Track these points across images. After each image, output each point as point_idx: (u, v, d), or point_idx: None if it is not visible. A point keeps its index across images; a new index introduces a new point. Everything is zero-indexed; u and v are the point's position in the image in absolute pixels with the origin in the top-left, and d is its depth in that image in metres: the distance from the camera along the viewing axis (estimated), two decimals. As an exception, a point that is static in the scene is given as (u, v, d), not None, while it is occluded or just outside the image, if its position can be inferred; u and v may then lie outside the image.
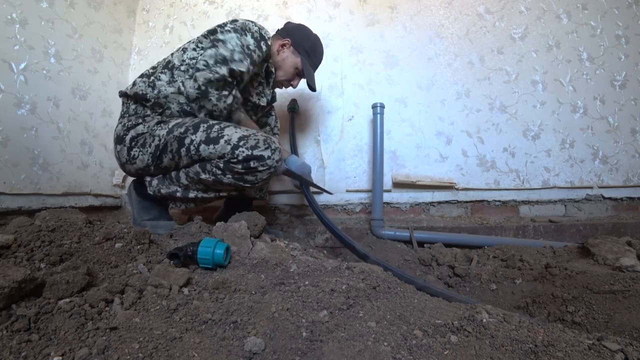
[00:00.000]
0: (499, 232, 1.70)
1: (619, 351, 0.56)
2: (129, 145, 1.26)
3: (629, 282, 0.90)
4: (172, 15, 2.32)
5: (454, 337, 0.58)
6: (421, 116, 1.96)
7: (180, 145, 1.17)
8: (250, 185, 1.21)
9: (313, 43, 1.49)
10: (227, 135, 1.14)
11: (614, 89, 1.88)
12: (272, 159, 1.17)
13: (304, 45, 1.46)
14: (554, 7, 1.95)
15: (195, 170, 1.20)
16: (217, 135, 1.14)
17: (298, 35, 1.47)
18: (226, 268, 0.88)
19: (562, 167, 1.87)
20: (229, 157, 1.13)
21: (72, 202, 1.81)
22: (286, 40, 1.45)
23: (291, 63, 1.47)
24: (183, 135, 1.17)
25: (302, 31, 1.49)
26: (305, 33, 1.49)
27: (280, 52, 1.46)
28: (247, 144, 1.13)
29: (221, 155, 1.14)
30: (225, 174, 1.16)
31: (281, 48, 1.46)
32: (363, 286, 0.77)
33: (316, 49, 1.50)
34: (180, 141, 1.17)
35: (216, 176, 1.17)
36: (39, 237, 0.80)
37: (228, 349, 0.56)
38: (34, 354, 0.50)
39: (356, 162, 1.99)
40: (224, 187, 1.23)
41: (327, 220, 1.42)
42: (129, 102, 1.33)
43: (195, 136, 1.16)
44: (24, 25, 1.59)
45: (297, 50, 1.46)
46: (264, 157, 1.15)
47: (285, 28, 1.51)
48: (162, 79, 1.28)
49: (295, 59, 1.46)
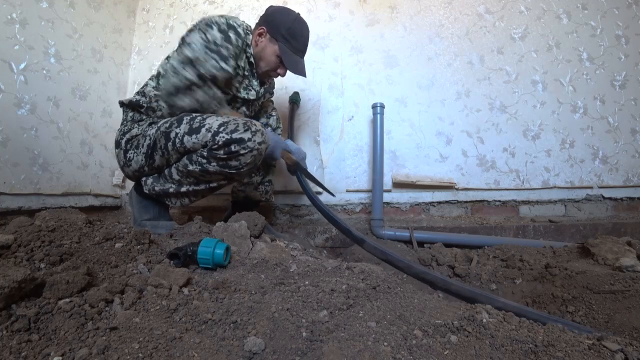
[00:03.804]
0: (499, 232, 1.70)
1: (619, 351, 0.56)
2: (124, 148, 1.32)
3: (629, 282, 0.90)
4: (172, 15, 2.32)
5: (454, 337, 0.58)
6: (421, 116, 1.97)
7: (167, 140, 1.19)
8: (236, 171, 1.18)
9: (290, 27, 1.35)
10: (208, 124, 1.14)
11: (614, 89, 1.88)
12: (253, 141, 1.14)
13: (280, 30, 1.34)
14: (554, 7, 1.95)
15: (184, 163, 1.20)
16: (199, 125, 1.15)
17: (273, 20, 1.36)
18: (226, 268, 0.88)
19: (562, 167, 1.87)
20: (211, 145, 1.13)
21: (72, 202, 1.82)
22: (261, 29, 1.36)
23: (270, 51, 1.37)
24: (168, 129, 1.19)
25: (277, 15, 1.37)
26: (280, 17, 1.37)
27: (259, 42, 1.38)
28: (226, 129, 1.12)
29: (204, 144, 1.14)
30: (210, 162, 1.16)
31: (258, 37, 1.38)
32: (363, 286, 0.77)
33: (295, 32, 1.36)
34: (166, 136, 1.19)
35: (202, 165, 1.17)
36: (39, 237, 0.80)
37: (228, 349, 0.56)
38: (34, 354, 0.50)
39: (356, 162, 1.99)
40: (213, 177, 1.22)
41: (322, 206, 1.37)
42: (127, 110, 1.39)
43: (179, 129, 1.17)
44: (24, 25, 1.59)
45: (275, 37, 1.35)
46: (244, 140, 1.13)
47: (263, 15, 1.41)
48: (149, 85, 1.38)
49: (273, 47, 1.36)
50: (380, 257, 1.10)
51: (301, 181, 1.50)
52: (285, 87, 2.05)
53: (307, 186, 1.49)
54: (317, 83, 2.06)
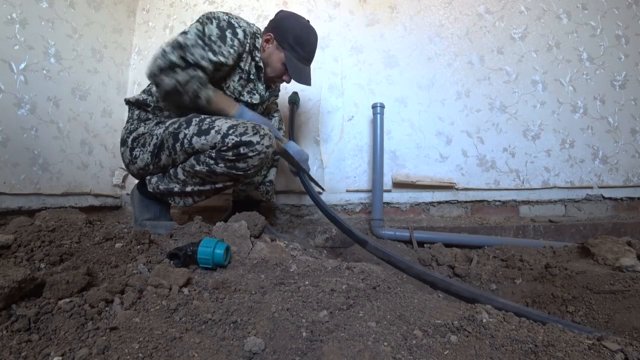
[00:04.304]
0: (499, 232, 1.70)
1: (619, 351, 0.56)
2: (130, 146, 1.33)
3: (629, 282, 0.90)
4: (172, 15, 2.32)
5: (454, 337, 0.58)
6: (421, 116, 1.96)
7: (175, 141, 1.20)
8: (243, 172, 1.19)
9: (297, 35, 1.34)
10: (217, 126, 1.15)
11: (614, 89, 1.88)
12: (261, 144, 1.16)
13: (287, 38, 1.33)
14: (554, 7, 1.95)
15: (191, 163, 1.21)
16: (208, 127, 1.16)
17: (282, 27, 1.35)
18: (226, 268, 0.88)
19: (562, 167, 1.87)
20: (220, 146, 1.14)
21: (72, 202, 1.82)
22: (269, 35, 1.36)
23: (276, 59, 1.37)
24: (177, 130, 1.20)
25: (286, 22, 1.36)
26: (289, 24, 1.35)
27: (266, 48, 1.38)
28: (236, 132, 1.14)
29: (212, 145, 1.15)
30: (218, 163, 1.17)
31: (265, 43, 1.37)
32: (363, 286, 0.77)
33: (302, 40, 1.35)
34: (174, 136, 1.20)
35: (209, 166, 1.17)
36: (39, 237, 0.80)
37: (228, 349, 0.56)
38: (34, 354, 0.50)
39: (356, 162, 1.99)
40: (219, 178, 1.23)
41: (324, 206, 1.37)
42: (133, 109, 1.40)
43: (188, 130, 1.18)
44: (24, 25, 1.59)
45: (281, 45, 1.34)
46: (253, 143, 1.14)
47: (272, 20, 1.40)
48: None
49: (279, 55, 1.36)
50: (382, 259, 1.11)
51: (304, 182, 1.51)
52: (286, 87, 2.05)
53: (310, 187, 1.49)
54: (317, 83, 2.06)
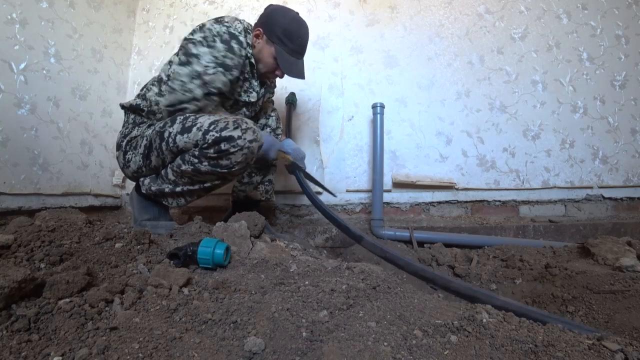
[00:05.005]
0: (499, 232, 1.70)
1: (619, 351, 0.56)
2: (124, 149, 1.34)
3: (629, 282, 0.90)
4: (172, 15, 2.32)
5: (454, 337, 0.58)
6: (421, 116, 1.96)
7: (161, 140, 1.19)
8: (227, 170, 1.17)
9: (286, 28, 1.31)
10: (199, 123, 1.14)
11: (614, 89, 1.88)
12: (243, 139, 1.13)
13: (276, 31, 1.31)
14: (554, 7, 1.96)
15: (177, 163, 1.20)
16: (191, 124, 1.14)
17: (270, 21, 1.33)
18: (226, 268, 0.88)
19: (562, 167, 1.87)
20: (201, 144, 1.12)
21: (72, 202, 1.82)
22: (258, 30, 1.34)
23: (267, 54, 1.34)
24: (162, 129, 1.19)
25: (274, 15, 1.34)
26: (276, 17, 1.33)
27: (256, 44, 1.35)
28: (216, 127, 1.11)
29: (195, 143, 1.14)
30: (202, 162, 1.15)
31: (255, 39, 1.35)
32: (363, 286, 0.77)
33: (292, 33, 1.32)
34: (160, 135, 1.19)
35: (194, 165, 1.16)
36: (39, 237, 0.80)
37: (228, 349, 0.56)
38: (34, 354, 0.50)
39: (356, 162, 1.99)
40: (206, 177, 1.21)
41: (320, 204, 1.37)
42: (128, 113, 1.40)
43: (172, 128, 1.17)
44: (24, 25, 1.59)
45: (270, 39, 1.32)
46: (234, 138, 1.11)
47: (262, 14, 1.38)
48: (152, 90, 1.33)
49: (270, 49, 1.33)
50: (378, 255, 1.10)
51: (300, 180, 1.50)
52: (285, 87, 2.05)
53: (305, 185, 1.49)
54: (317, 83, 2.06)
